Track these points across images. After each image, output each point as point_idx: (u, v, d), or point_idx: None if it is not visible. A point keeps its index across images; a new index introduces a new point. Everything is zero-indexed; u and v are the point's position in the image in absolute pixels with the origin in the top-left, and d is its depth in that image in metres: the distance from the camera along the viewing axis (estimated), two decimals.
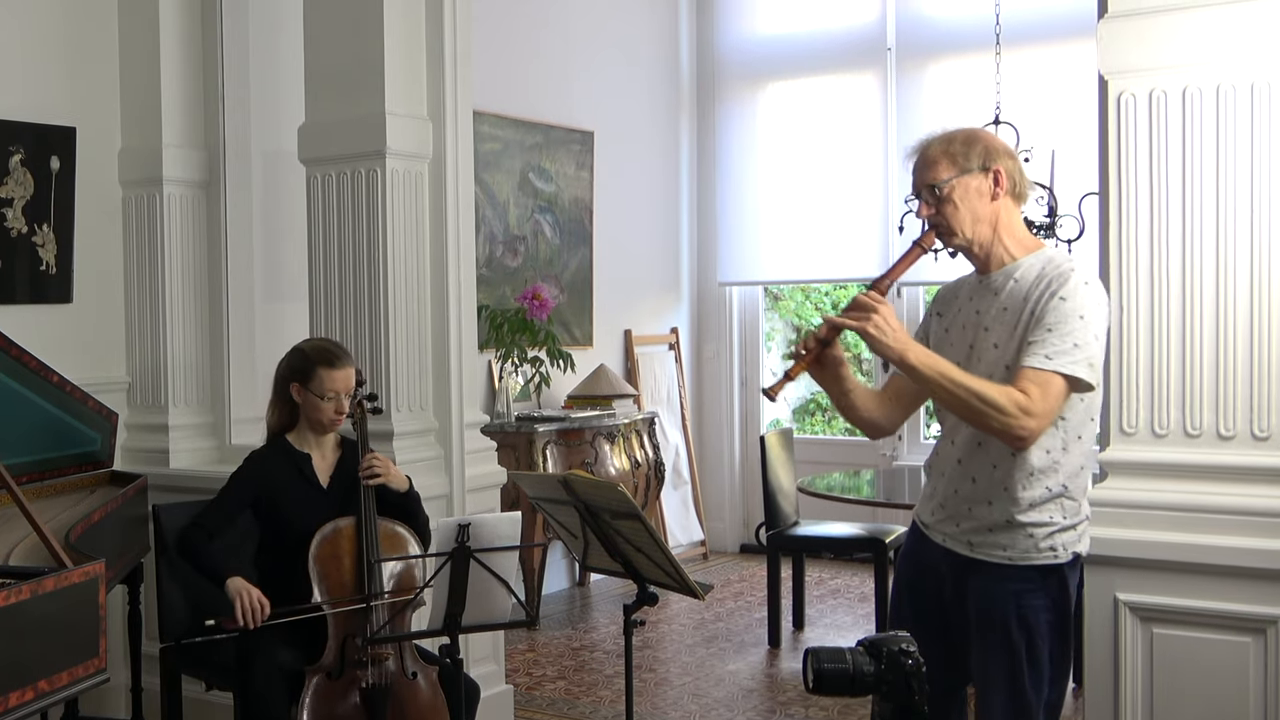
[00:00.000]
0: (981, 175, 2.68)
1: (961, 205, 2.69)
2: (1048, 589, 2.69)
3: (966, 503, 2.73)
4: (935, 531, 2.82)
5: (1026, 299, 2.65)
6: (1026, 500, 2.65)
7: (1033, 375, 2.55)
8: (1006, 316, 2.68)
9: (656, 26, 8.18)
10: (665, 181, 8.24)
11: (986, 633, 2.70)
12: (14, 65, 4.46)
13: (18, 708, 2.56)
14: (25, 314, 4.42)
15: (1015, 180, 2.72)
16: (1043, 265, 2.68)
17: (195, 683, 3.99)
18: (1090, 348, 2.57)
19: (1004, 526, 2.67)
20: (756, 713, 5.03)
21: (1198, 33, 2.98)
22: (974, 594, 2.73)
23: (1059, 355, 2.55)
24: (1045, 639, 2.70)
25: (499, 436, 5.83)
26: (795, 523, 6.13)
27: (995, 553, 2.69)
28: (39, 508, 3.26)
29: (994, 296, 2.73)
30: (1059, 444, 2.65)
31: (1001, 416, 2.54)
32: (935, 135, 2.76)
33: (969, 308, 2.79)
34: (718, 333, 8.40)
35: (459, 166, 4.39)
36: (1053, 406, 2.56)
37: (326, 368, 3.64)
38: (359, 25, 4.23)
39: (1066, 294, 2.59)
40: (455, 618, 3.16)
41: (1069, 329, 2.56)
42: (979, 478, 2.71)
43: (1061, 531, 2.68)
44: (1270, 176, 2.93)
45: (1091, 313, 2.59)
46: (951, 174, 2.68)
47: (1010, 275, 2.71)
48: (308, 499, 3.66)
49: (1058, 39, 6.81)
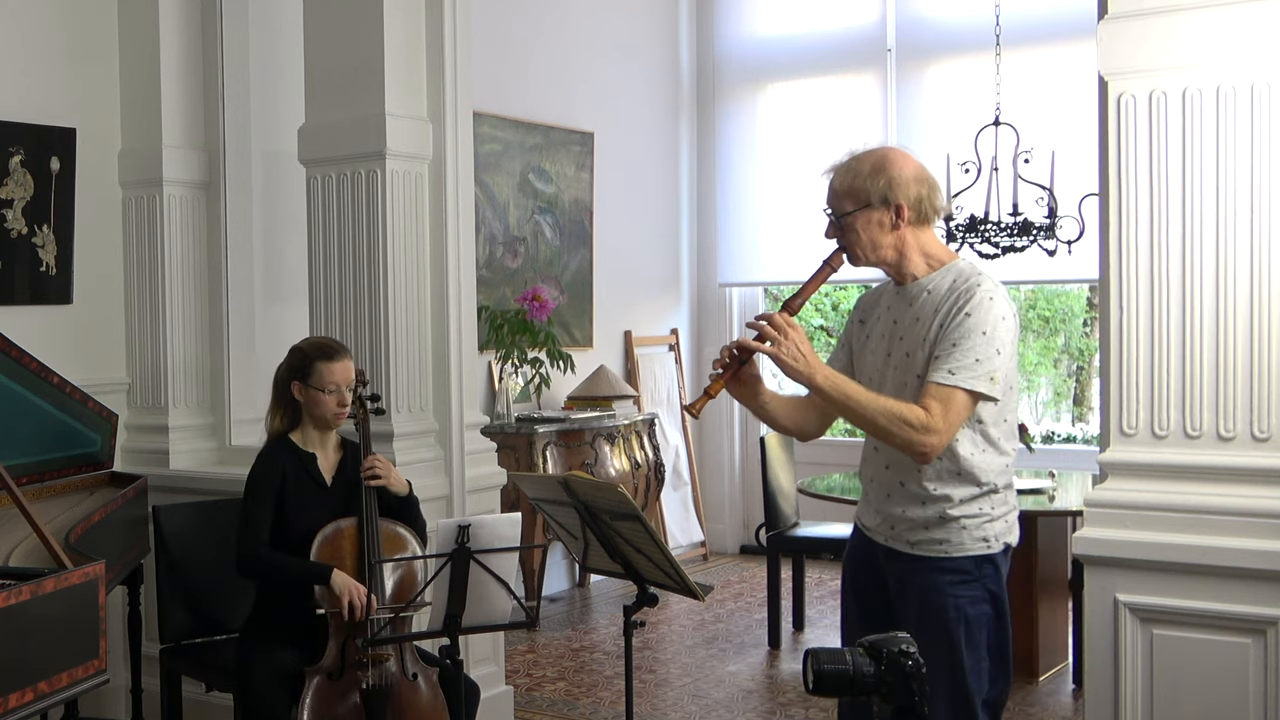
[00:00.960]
0: (883, 209, 2.80)
1: (863, 234, 2.83)
2: (983, 580, 2.82)
3: (899, 505, 2.85)
4: (876, 534, 2.94)
5: (937, 310, 2.79)
6: (957, 497, 2.79)
7: (935, 391, 2.70)
8: (918, 327, 2.82)
9: (656, 28, 8.18)
10: (665, 182, 8.24)
11: (926, 627, 2.77)
12: (14, 65, 4.46)
13: (18, 709, 2.56)
14: (25, 315, 4.42)
15: (922, 208, 2.82)
16: (954, 278, 2.81)
17: (195, 684, 3.99)
18: (992, 362, 2.71)
19: (938, 522, 2.81)
20: (756, 714, 5.03)
21: (1198, 34, 2.98)
22: (914, 589, 2.84)
23: (961, 370, 2.69)
24: (983, 630, 2.82)
25: (499, 438, 5.83)
26: (795, 524, 6.13)
27: (934, 548, 2.82)
28: (39, 509, 3.26)
29: (909, 307, 2.87)
30: (978, 446, 2.79)
31: (903, 434, 2.70)
32: (844, 163, 2.88)
33: (887, 317, 2.93)
34: (718, 334, 8.40)
35: (459, 167, 4.39)
36: (954, 421, 2.71)
37: (325, 361, 3.65)
38: (359, 26, 4.23)
39: (971, 309, 2.73)
40: (455, 619, 3.16)
41: (971, 344, 2.70)
42: (906, 481, 2.84)
43: (991, 523, 2.82)
44: (1270, 177, 2.93)
45: (994, 327, 2.72)
46: (853, 208, 2.82)
47: (924, 288, 2.85)
48: (312, 498, 3.66)
49: (1058, 40, 6.82)
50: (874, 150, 2.87)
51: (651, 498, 7.18)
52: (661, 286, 8.22)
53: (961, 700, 2.79)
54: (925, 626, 2.77)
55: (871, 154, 2.85)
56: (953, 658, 2.78)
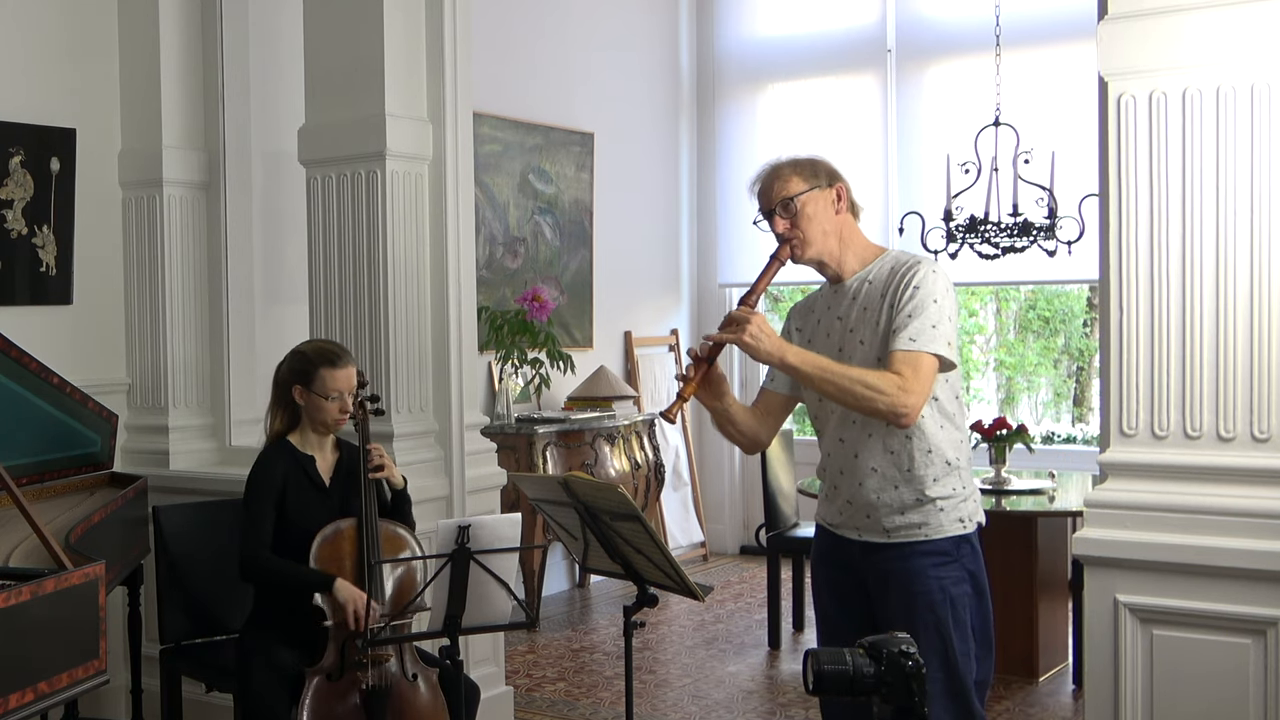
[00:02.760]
0: (829, 190, 2.94)
1: (815, 217, 2.93)
2: (962, 560, 2.88)
3: (874, 492, 2.88)
4: (846, 529, 2.96)
5: (884, 294, 2.87)
6: (930, 476, 2.85)
7: (902, 357, 2.77)
8: (868, 315, 2.90)
9: (656, 28, 8.19)
10: (665, 183, 8.24)
11: (913, 613, 2.81)
12: (14, 66, 4.46)
13: (18, 709, 2.56)
14: (25, 315, 4.42)
15: (852, 198, 2.99)
16: (891, 263, 2.92)
17: (195, 684, 3.99)
18: (945, 327, 2.80)
19: (915, 505, 2.86)
20: (756, 714, 5.03)
21: (1198, 34, 2.98)
22: (896, 578, 2.87)
23: (921, 336, 2.77)
24: (966, 609, 2.85)
25: (499, 438, 5.83)
26: (795, 524, 6.13)
27: (912, 533, 2.86)
28: (39, 509, 3.26)
29: (852, 300, 2.95)
30: (937, 423, 2.86)
31: (884, 397, 2.74)
32: (780, 159, 3.02)
33: (829, 316, 2.99)
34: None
35: (459, 168, 4.39)
36: (925, 384, 2.77)
37: (329, 368, 3.63)
38: (359, 27, 4.23)
39: (919, 282, 2.81)
40: (455, 619, 3.16)
41: (926, 313, 2.78)
42: (879, 465, 2.88)
43: (964, 502, 2.89)
44: (1270, 178, 2.93)
45: (943, 296, 2.81)
46: (805, 188, 2.93)
47: (864, 279, 2.94)
48: (312, 499, 3.66)
49: (1058, 40, 6.82)
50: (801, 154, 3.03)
51: (651, 498, 7.18)
52: (661, 287, 8.23)
53: (955, 683, 2.82)
54: (912, 613, 2.81)
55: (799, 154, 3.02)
56: (943, 641, 2.81)
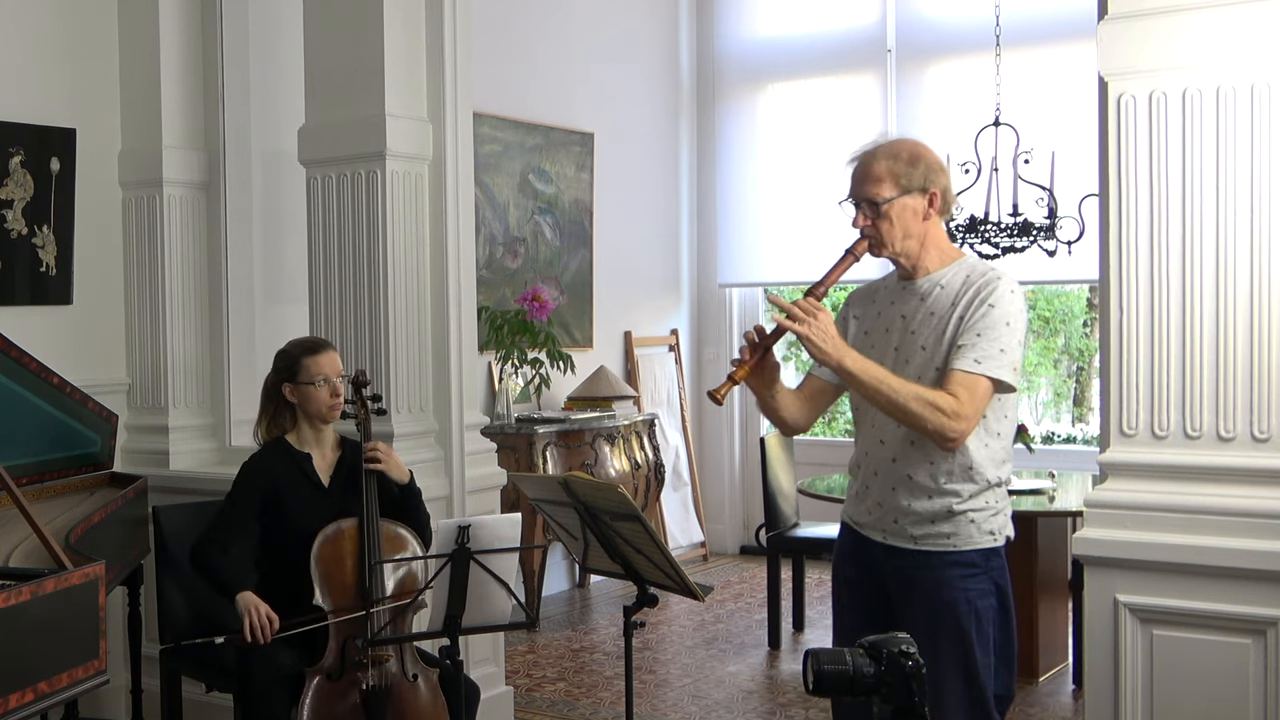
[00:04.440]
0: (920, 196, 2.82)
1: (897, 223, 2.82)
2: (990, 573, 2.82)
3: (905, 498, 2.83)
4: (873, 530, 2.91)
5: (954, 304, 2.79)
6: (965, 492, 2.79)
7: (961, 379, 2.70)
8: (934, 321, 2.81)
9: (656, 28, 8.18)
10: (665, 183, 8.24)
11: (937, 622, 2.77)
12: (14, 66, 4.46)
13: (18, 709, 2.56)
14: (25, 315, 4.42)
15: (947, 199, 2.86)
16: (967, 273, 2.83)
17: (195, 684, 3.99)
18: (1014, 353, 2.74)
19: (945, 516, 2.80)
20: (756, 714, 5.03)
21: (1198, 34, 2.98)
22: (921, 586, 2.82)
23: (987, 360, 2.71)
24: (992, 623, 2.81)
25: (499, 438, 5.83)
26: (795, 524, 6.13)
27: (940, 542, 2.81)
28: (39, 509, 3.26)
29: (920, 301, 2.86)
30: (982, 441, 2.79)
31: (935, 418, 2.68)
32: (880, 146, 2.87)
33: (891, 311, 2.91)
34: (718, 334, 8.40)
35: (459, 168, 4.39)
36: (979, 408, 2.72)
37: (309, 356, 3.67)
38: (359, 27, 4.23)
39: (995, 301, 2.74)
40: (455, 619, 3.16)
41: (996, 335, 2.72)
42: (915, 474, 2.82)
43: (995, 516, 2.84)
44: (1270, 178, 2.93)
45: (1016, 319, 2.75)
46: (894, 194, 2.81)
47: (936, 282, 2.85)
48: (310, 498, 3.66)
49: (1058, 40, 6.82)
50: (901, 139, 2.89)
51: (651, 498, 7.18)
52: (661, 287, 8.22)
53: (976, 692, 2.77)
54: (937, 623, 2.76)
55: (904, 142, 2.87)
56: (966, 652, 2.77)
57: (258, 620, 3.44)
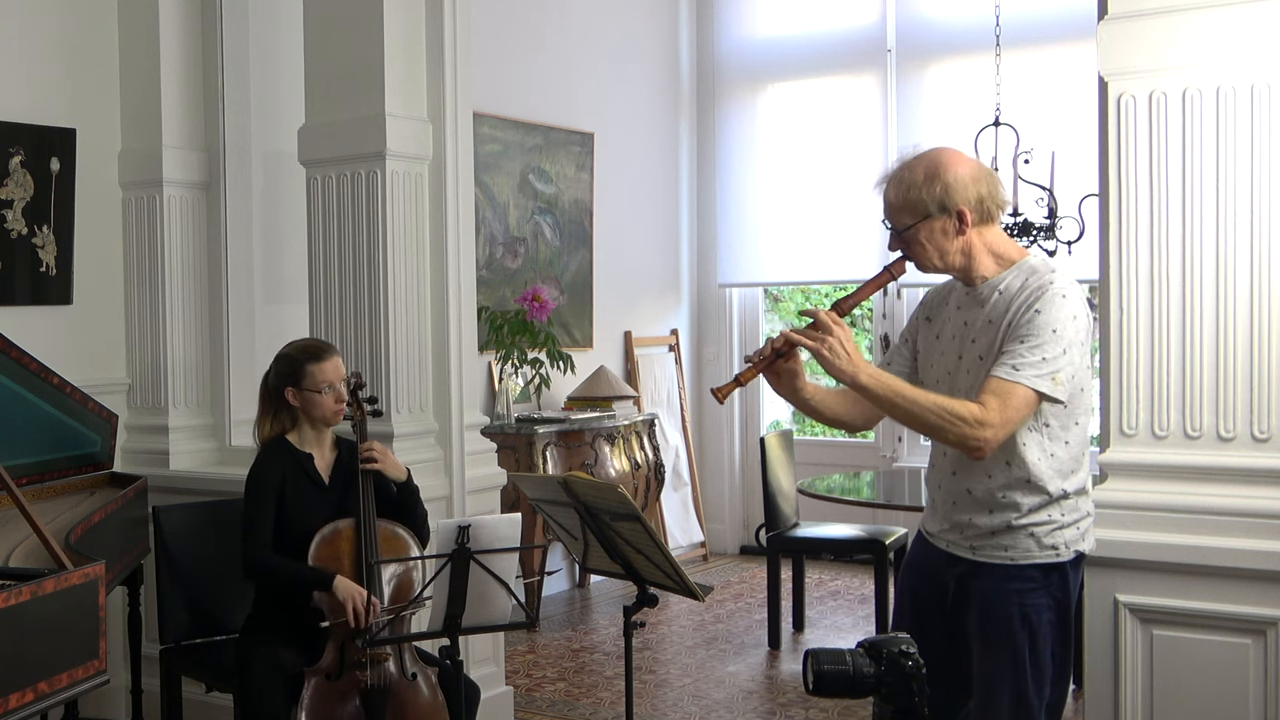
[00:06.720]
0: (944, 217, 2.70)
1: (928, 244, 2.72)
2: (1049, 588, 2.72)
3: (966, 513, 2.76)
4: (939, 539, 2.85)
5: (1009, 309, 2.68)
6: (1026, 505, 2.69)
7: (995, 385, 2.60)
8: (990, 329, 2.72)
9: (656, 28, 8.18)
10: (665, 183, 8.24)
11: (990, 634, 2.72)
12: (14, 66, 4.46)
13: (18, 709, 2.56)
14: (25, 315, 4.42)
15: (984, 207, 2.72)
16: (1026, 276, 2.71)
17: (195, 684, 3.99)
18: (1057, 362, 2.60)
19: (1005, 530, 2.71)
20: (756, 714, 5.03)
21: (1198, 34, 2.98)
22: (977, 596, 2.75)
23: (1025, 367, 2.59)
24: (1047, 638, 2.72)
25: (499, 438, 5.83)
26: (795, 524, 6.13)
27: (997, 554, 2.72)
28: (39, 509, 3.26)
29: (980, 309, 2.76)
30: (1045, 451, 2.68)
31: (955, 427, 2.59)
32: (894, 171, 2.76)
33: (957, 317, 2.83)
34: (718, 334, 8.40)
35: (459, 168, 4.39)
36: (1012, 417, 2.59)
37: (314, 363, 3.66)
38: (359, 27, 4.23)
39: (1042, 306, 2.62)
40: (455, 619, 3.16)
41: (1039, 342, 2.60)
42: (974, 489, 2.75)
43: (1061, 529, 2.71)
44: (1270, 178, 2.93)
45: (1064, 325, 2.61)
46: (912, 221, 2.71)
47: (995, 288, 2.74)
48: (311, 497, 3.67)
49: (1058, 40, 6.81)
50: (925, 155, 2.74)
51: (651, 498, 7.18)
52: (661, 287, 8.22)
53: (1023, 709, 2.72)
54: (989, 633, 2.72)
55: (923, 160, 2.73)
56: (1016, 666, 2.70)
57: (361, 606, 3.43)
